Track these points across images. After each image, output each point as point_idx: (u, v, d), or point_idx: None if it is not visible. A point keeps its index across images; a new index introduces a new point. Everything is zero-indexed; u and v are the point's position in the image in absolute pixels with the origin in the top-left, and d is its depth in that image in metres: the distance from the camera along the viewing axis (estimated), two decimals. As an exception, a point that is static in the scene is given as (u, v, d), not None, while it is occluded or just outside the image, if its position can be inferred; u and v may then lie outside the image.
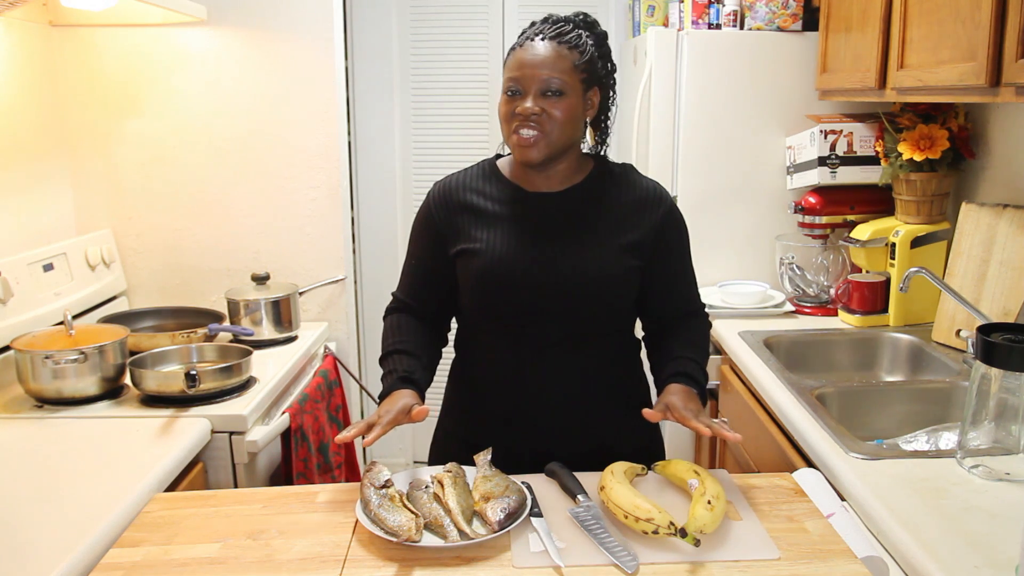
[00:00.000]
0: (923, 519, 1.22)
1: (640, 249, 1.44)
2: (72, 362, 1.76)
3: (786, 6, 2.48)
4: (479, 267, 1.42)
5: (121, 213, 2.49)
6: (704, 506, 1.18)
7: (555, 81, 1.36)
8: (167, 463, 1.51)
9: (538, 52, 1.37)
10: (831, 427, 1.56)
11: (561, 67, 1.37)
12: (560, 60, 1.37)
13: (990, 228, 1.96)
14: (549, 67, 1.36)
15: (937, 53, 1.75)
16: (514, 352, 1.46)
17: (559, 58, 1.37)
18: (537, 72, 1.36)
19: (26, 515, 1.30)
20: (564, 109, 1.38)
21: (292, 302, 2.30)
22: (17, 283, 1.98)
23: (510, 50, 1.43)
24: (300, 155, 2.47)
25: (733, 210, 2.59)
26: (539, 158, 1.39)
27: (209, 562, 1.15)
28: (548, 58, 1.37)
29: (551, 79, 1.36)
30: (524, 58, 1.38)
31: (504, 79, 1.42)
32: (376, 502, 1.21)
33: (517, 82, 1.38)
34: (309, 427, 2.00)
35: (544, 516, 1.25)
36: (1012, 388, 1.33)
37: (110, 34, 2.37)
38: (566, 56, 1.38)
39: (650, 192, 1.48)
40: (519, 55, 1.39)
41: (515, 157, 1.44)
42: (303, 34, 2.41)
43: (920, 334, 2.13)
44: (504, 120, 1.41)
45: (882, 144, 2.32)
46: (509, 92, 1.39)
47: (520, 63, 1.38)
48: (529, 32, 1.42)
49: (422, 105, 3.35)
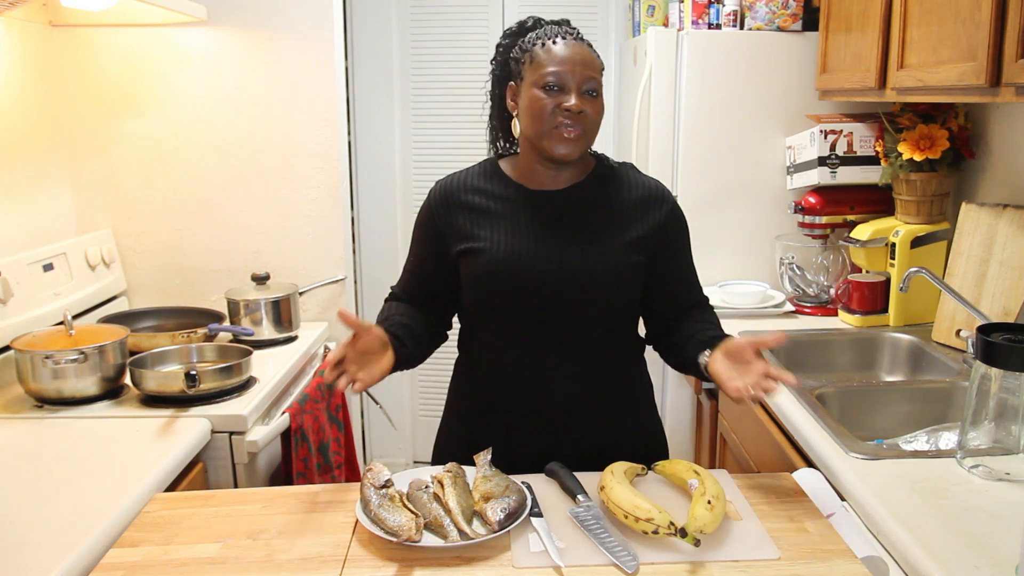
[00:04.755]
0: (923, 519, 1.22)
1: (643, 245, 1.44)
2: (72, 362, 1.76)
3: (786, 6, 2.48)
4: (483, 266, 1.42)
5: (121, 213, 2.49)
6: (704, 506, 1.18)
7: (594, 81, 1.38)
8: (167, 463, 1.51)
9: (577, 51, 1.38)
10: (831, 427, 1.56)
11: (596, 68, 1.40)
12: (594, 62, 1.40)
13: (990, 228, 1.96)
14: (589, 66, 1.38)
15: (937, 53, 1.75)
16: (518, 351, 1.46)
17: (593, 59, 1.40)
18: (580, 70, 1.36)
19: (26, 515, 1.30)
20: (599, 111, 1.40)
21: (292, 302, 2.30)
22: (17, 283, 1.98)
23: (529, 44, 1.40)
24: (300, 155, 2.47)
25: (733, 210, 2.59)
26: (576, 156, 1.40)
27: (209, 562, 1.15)
28: (587, 58, 1.38)
29: (591, 79, 1.38)
30: (565, 55, 1.37)
31: (534, 73, 1.38)
32: (376, 502, 1.21)
33: (559, 77, 1.36)
34: (309, 427, 2.00)
35: (544, 516, 1.25)
36: (1012, 388, 1.33)
37: (110, 34, 2.38)
38: (596, 59, 1.41)
39: (652, 190, 1.49)
40: (557, 51, 1.37)
41: (550, 152, 1.39)
42: (303, 34, 2.41)
43: (920, 334, 2.13)
44: (540, 116, 1.37)
45: (882, 144, 2.32)
46: (548, 87, 1.36)
47: (561, 59, 1.36)
48: (549, 32, 1.40)
49: (422, 105, 3.35)
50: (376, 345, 1.35)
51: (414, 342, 1.45)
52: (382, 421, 3.43)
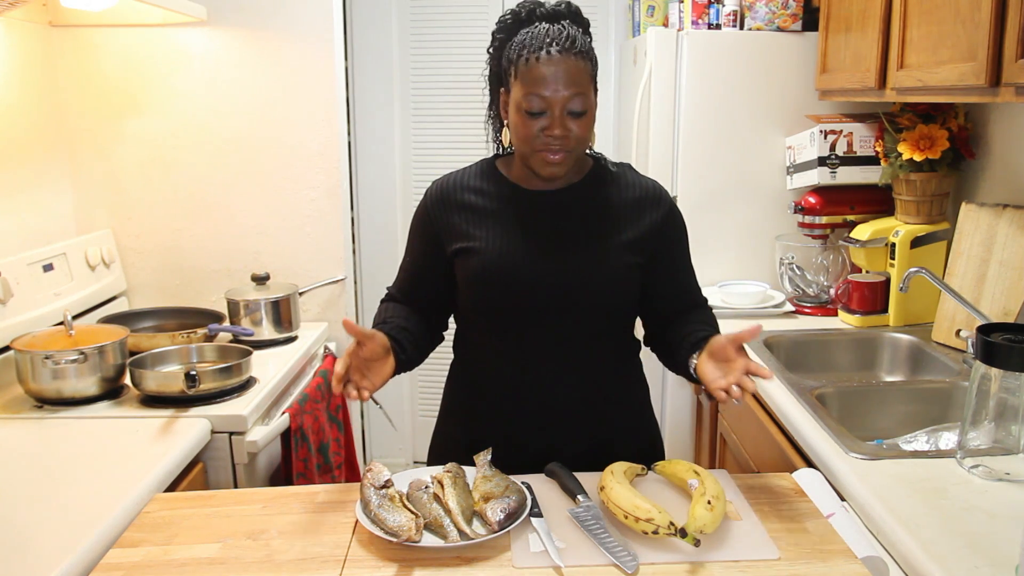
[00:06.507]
0: (923, 519, 1.22)
1: (640, 247, 1.44)
2: (72, 362, 1.76)
3: (786, 6, 2.48)
4: (478, 266, 1.42)
5: (121, 213, 2.49)
6: (704, 506, 1.18)
7: (580, 99, 1.32)
8: (167, 463, 1.51)
9: (560, 69, 1.30)
10: (831, 427, 1.56)
11: (582, 83, 1.32)
12: (581, 76, 1.32)
13: (990, 228, 1.96)
14: (574, 86, 1.31)
15: (937, 53, 1.75)
16: (513, 352, 1.45)
17: (579, 73, 1.32)
18: (562, 92, 1.31)
19: (26, 515, 1.30)
20: (586, 126, 1.36)
21: (292, 302, 2.30)
22: (17, 283, 1.98)
23: (518, 58, 1.34)
24: (300, 155, 2.47)
25: (733, 210, 2.59)
26: (563, 173, 1.39)
27: (209, 562, 1.15)
28: (571, 76, 1.31)
29: (575, 99, 1.32)
30: (546, 76, 1.30)
31: (520, 94, 1.33)
32: (376, 502, 1.21)
33: (542, 102, 1.32)
34: (309, 427, 2.00)
35: (544, 516, 1.25)
36: (1012, 388, 1.33)
37: (110, 34, 2.37)
38: (583, 69, 1.33)
39: (650, 191, 1.48)
40: (539, 71, 1.30)
41: (537, 172, 1.39)
42: (303, 34, 2.41)
43: (920, 334, 2.13)
44: (524, 139, 1.35)
45: (882, 144, 2.32)
46: (530, 111, 1.33)
47: (542, 81, 1.30)
48: (537, 39, 1.33)
49: (422, 104, 3.35)
50: (379, 352, 1.36)
51: (413, 345, 1.45)
52: (382, 421, 3.43)
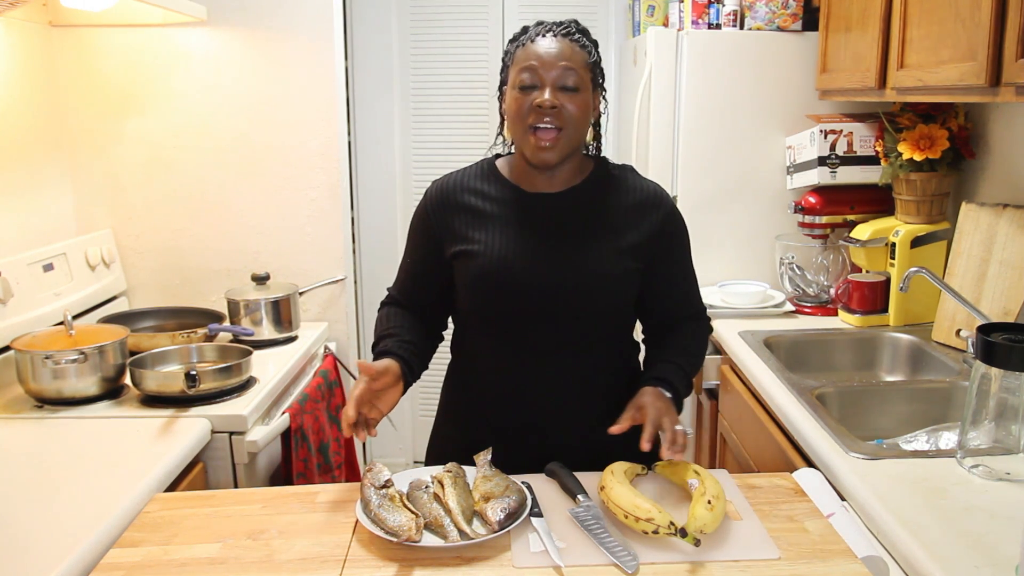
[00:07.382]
0: (923, 519, 1.22)
1: (640, 251, 1.43)
2: (72, 362, 1.76)
3: (786, 6, 2.48)
4: (477, 268, 1.41)
5: (121, 213, 2.49)
6: (704, 506, 1.18)
7: (572, 75, 1.35)
8: (167, 463, 1.51)
9: (553, 45, 1.35)
10: (831, 427, 1.56)
11: (576, 61, 1.36)
12: (575, 55, 1.36)
13: (990, 228, 1.96)
14: (567, 59, 1.34)
15: (937, 53, 1.75)
16: (511, 355, 1.45)
17: (574, 53, 1.36)
18: (555, 63, 1.34)
19: (26, 515, 1.30)
20: (579, 105, 1.36)
21: (292, 302, 2.30)
22: (17, 283, 1.98)
23: (513, 47, 1.39)
24: (300, 155, 2.47)
25: (733, 210, 2.59)
26: (556, 160, 1.37)
27: (209, 562, 1.15)
28: (564, 52, 1.35)
29: (568, 72, 1.34)
30: (539, 51, 1.35)
31: (514, 74, 1.37)
32: (376, 502, 1.21)
33: (533, 73, 1.34)
34: (309, 427, 2.00)
35: (544, 516, 1.25)
36: (1012, 388, 1.33)
37: (110, 34, 2.37)
38: (579, 53, 1.37)
39: (650, 194, 1.47)
40: (532, 49, 1.35)
41: (529, 159, 1.39)
42: (303, 34, 2.41)
43: (920, 334, 2.13)
44: (516, 117, 1.37)
45: (882, 144, 2.32)
46: (523, 86, 1.35)
47: (535, 55, 1.35)
48: (532, 31, 1.39)
49: (422, 104, 3.35)
50: (391, 381, 1.37)
51: (420, 362, 1.47)
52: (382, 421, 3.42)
